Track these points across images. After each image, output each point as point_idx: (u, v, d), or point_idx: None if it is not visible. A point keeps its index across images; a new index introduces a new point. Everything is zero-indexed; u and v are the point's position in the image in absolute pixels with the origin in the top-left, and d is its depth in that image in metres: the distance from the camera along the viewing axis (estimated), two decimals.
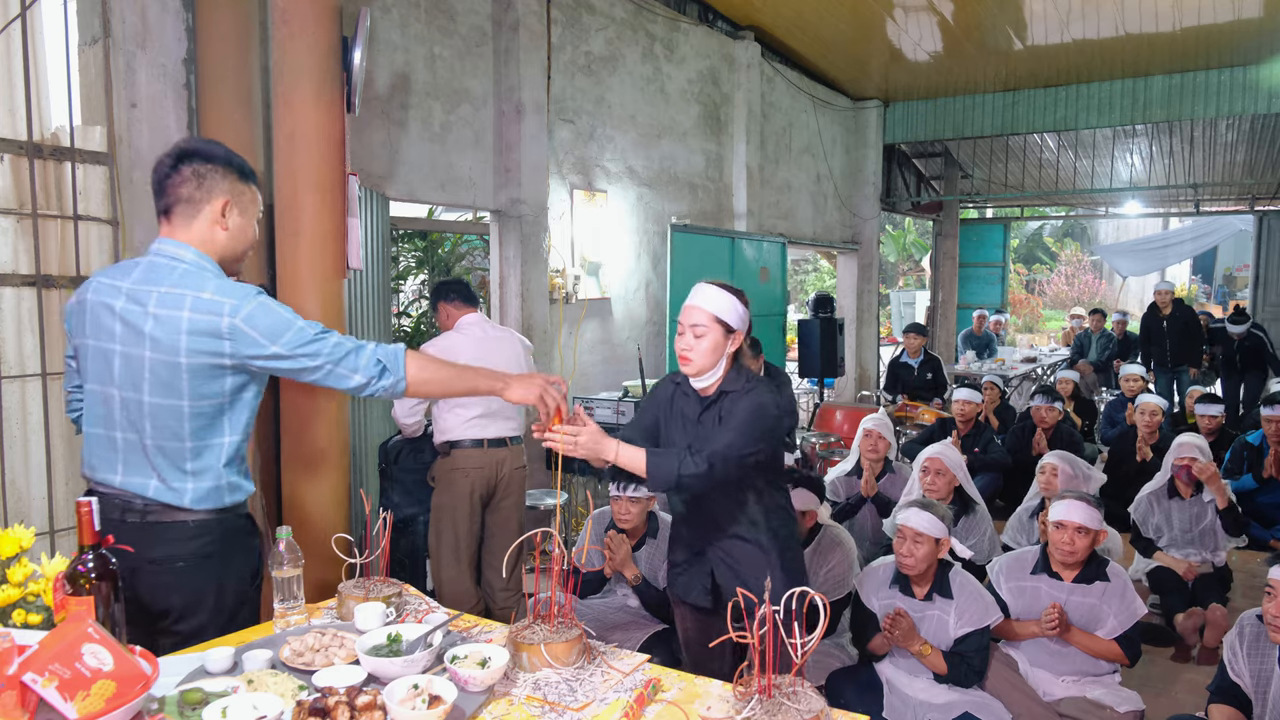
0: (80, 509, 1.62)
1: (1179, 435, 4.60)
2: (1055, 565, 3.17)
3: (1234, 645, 2.50)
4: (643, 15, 6.57)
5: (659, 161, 6.82)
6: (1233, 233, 13.82)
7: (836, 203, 10.18)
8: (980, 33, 8.05)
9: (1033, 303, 22.57)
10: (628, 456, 2.26)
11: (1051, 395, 5.89)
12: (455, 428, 3.82)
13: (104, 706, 1.41)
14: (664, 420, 2.51)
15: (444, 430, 3.85)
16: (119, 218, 3.28)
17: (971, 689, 2.99)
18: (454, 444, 3.84)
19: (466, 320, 3.90)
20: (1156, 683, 3.68)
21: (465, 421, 3.81)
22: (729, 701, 1.70)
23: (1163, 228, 17.98)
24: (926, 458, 4.11)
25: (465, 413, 3.81)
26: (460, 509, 3.84)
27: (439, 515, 3.88)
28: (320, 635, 1.93)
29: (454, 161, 5.03)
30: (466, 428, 3.82)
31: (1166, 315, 8.28)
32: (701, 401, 2.42)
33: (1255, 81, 8.83)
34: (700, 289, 2.38)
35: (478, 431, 3.83)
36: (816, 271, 21.07)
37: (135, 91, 3.35)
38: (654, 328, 6.80)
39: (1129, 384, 6.83)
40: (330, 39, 3.43)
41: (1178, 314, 8.28)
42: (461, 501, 3.83)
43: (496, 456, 3.88)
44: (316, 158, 3.40)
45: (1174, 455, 4.44)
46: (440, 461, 3.89)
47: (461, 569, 3.87)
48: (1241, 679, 2.46)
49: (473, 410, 3.81)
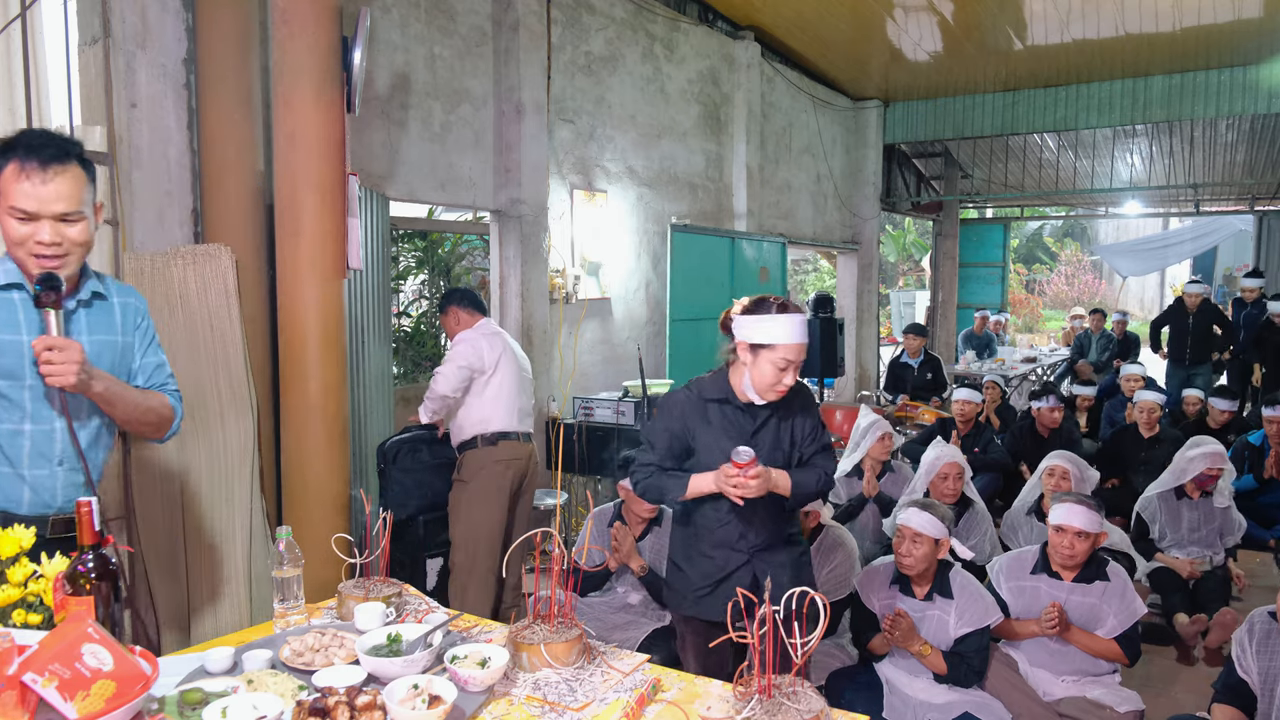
0: (80, 509, 1.62)
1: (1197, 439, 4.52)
2: (1055, 565, 3.17)
3: (1243, 641, 2.50)
4: (643, 15, 6.57)
5: (659, 161, 6.82)
6: (1233, 233, 13.81)
7: (836, 203, 10.18)
8: (980, 33, 8.05)
9: (1033, 303, 22.57)
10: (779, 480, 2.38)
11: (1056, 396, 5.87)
12: (497, 418, 3.90)
13: (104, 706, 1.41)
14: (697, 431, 2.48)
15: (484, 420, 3.90)
16: (119, 218, 3.28)
17: (971, 689, 2.99)
18: (501, 435, 3.91)
19: (483, 324, 4.01)
20: (1156, 683, 3.68)
21: (504, 411, 3.92)
22: (729, 701, 1.70)
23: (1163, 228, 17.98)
24: (946, 463, 4.08)
25: (503, 402, 3.91)
26: (497, 501, 3.89)
27: (473, 509, 3.89)
28: (320, 635, 1.93)
29: (454, 161, 5.03)
30: (508, 419, 3.92)
31: (1193, 313, 8.25)
32: (752, 413, 2.46)
33: (1255, 81, 8.83)
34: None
35: (516, 424, 3.96)
36: (816, 271, 21.07)
37: (135, 91, 3.36)
38: (654, 328, 6.80)
39: (1129, 384, 6.83)
40: (330, 39, 3.44)
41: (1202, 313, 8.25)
42: (501, 493, 3.89)
43: (528, 450, 4.02)
44: (316, 158, 3.41)
45: (1200, 464, 4.34)
46: (475, 453, 3.91)
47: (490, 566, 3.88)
48: (1249, 675, 2.46)
49: (507, 399, 3.92)
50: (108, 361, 2.08)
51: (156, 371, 2.21)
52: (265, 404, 3.55)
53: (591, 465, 5.20)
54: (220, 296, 3.30)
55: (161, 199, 3.45)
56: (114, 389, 2.03)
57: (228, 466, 3.33)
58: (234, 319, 3.32)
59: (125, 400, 2.06)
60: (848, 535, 3.48)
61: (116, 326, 2.13)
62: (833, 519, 4.49)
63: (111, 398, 2.03)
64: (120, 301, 2.16)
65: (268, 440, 3.57)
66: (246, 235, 3.52)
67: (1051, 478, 4.19)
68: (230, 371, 3.32)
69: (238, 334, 3.33)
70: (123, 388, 2.07)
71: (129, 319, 2.17)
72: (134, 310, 2.19)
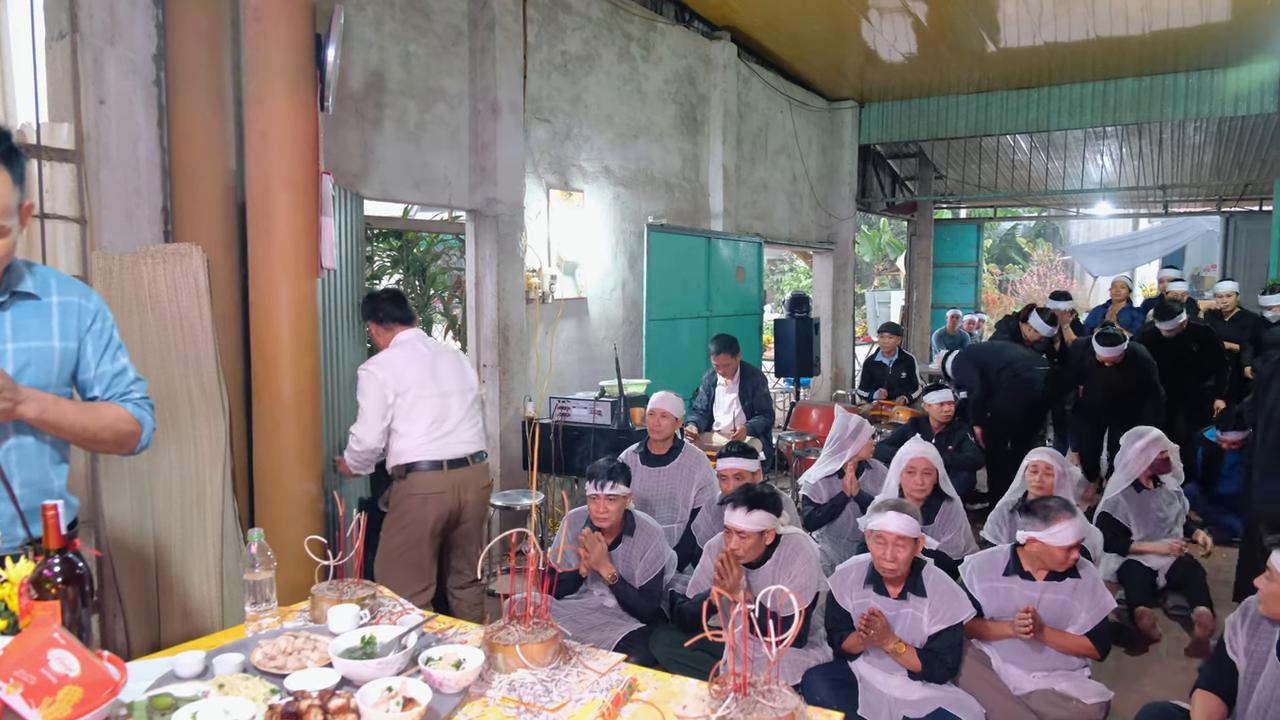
0: (46, 512, 1.59)
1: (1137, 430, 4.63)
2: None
3: (1235, 624, 2.58)
4: (619, 15, 6.57)
5: (635, 161, 6.83)
6: (1200, 233, 14.02)
7: (812, 203, 10.24)
8: (954, 35, 8.13)
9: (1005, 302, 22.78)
10: None
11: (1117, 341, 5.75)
12: (410, 449, 3.50)
13: (71, 712, 1.39)
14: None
15: (398, 453, 3.53)
16: (87, 216, 3.23)
17: (945, 685, 3.02)
18: (410, 467, 3.51)
19: (403, 337, 3.64)
20: (1127, 676, 3.74)
21: (419, 440, 3.50)
22: (705, 700, 1.71)
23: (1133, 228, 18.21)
24: (912, 458, 4.09)
25: (418, 428, 3.49)
26: (419, 538, 3.52)
27: (390, 542, 3.56)
28: (293, 638, 1.91)
29: (429, 161, 5.00)
30: (422, 447, 3.51)
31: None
32: None
33: (1222, 85, 8.99)
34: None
35: (436, 452, 3.52)
36: (793, 271, 21.15)
37: (104, 88, 3.31)
38: (630, 328, 6.80)
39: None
40: (303, 36, 3.40)
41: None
42: (420, 530, 3.51)
43: (460, 479, 3.55)
44: (289, 156, 3.38)
45: (1147, 454, 4.47)
46: (396, 487, 3.58)
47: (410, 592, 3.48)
48: (1238, 657, 2.53)
49: (424, 424, 3.50)
50: (38, 371, 1.84)
51: (116, 380, 1.97)
52: (237, 405, 3.51)
53: (568, 465, 5.19)
54: (191, 296, 3.26)
55: (130, 197, 3.40)
56: (52, 412, 1.79)
57: (199, 469, 3.29)
58: (205, 319, 3.28)
59: (69, 421, 1.83)
60: (806, 540, 3.31)
61: (53, 330, 1.88)
62: (811, 519, 4.54)
63: (53, 420, 1.80)
64: (60, 301, 1.90)
65: (240, 442, 3.53)
66: (218, 234, 3.47)
67: (1034, 474, 4.23)
68: (201, 373, 3.28)
69: (209, 334, 3.29)
70: (64, 408, 1.83)
71: (71, 321, 1.90)
72: (80, 311, 1.92)
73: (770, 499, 3.19)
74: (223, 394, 3.33)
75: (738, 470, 3.93)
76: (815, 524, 4.53)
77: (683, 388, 5.65)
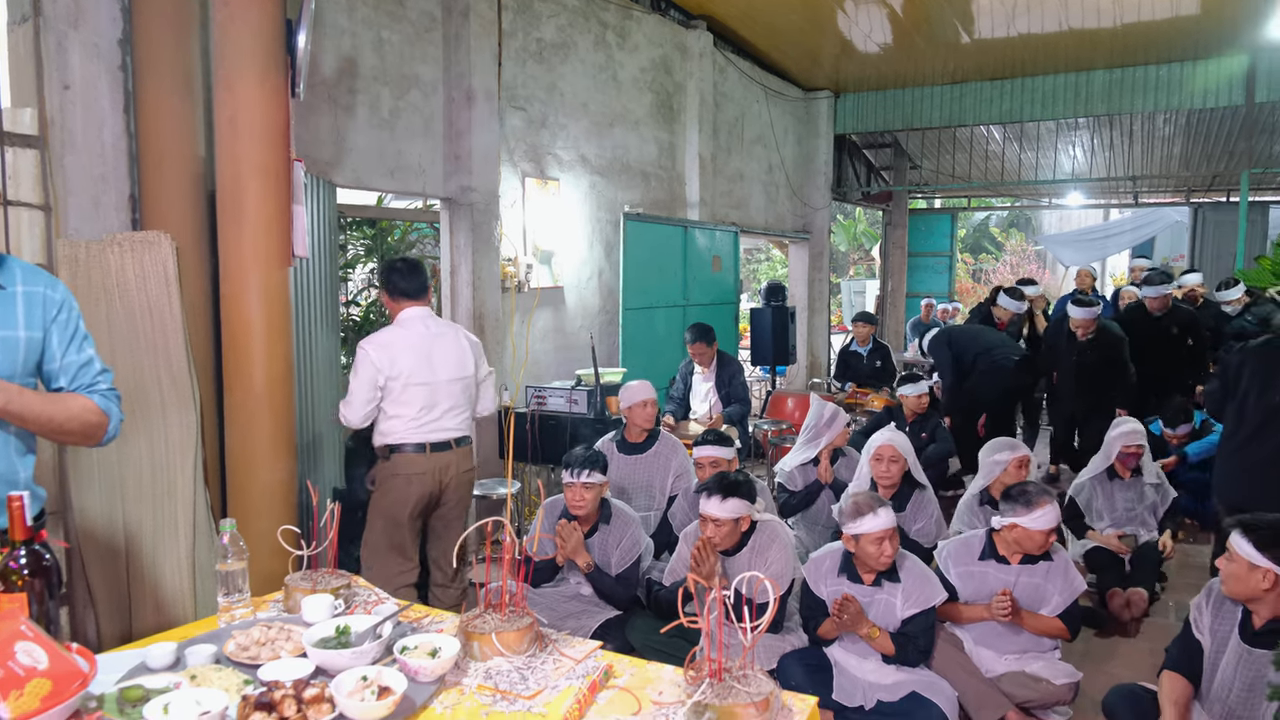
0: (11, 503, 1.56)
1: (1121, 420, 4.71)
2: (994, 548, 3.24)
3: (1200, 605, 2.64)
4: (595, 3, 6.53)
5: (611, 150, 6.80)
6: (1169, 224, 14.21)
7: (788, 192, 10.26)
8: (929, 25, 8.17)
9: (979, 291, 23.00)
10: None
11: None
12: (395, 431, 3.50)
13: (39, 705, 1.37)
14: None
15: (384, 432, 3.52)
16: (51, 203, 3.17)
17: (918, 668, 3.06)
18: (394, 448, 3.52)
19: (408, 315, 3.56)
20: (1095, 658, 3.80)
21: (407, 424, 3.49)
22: (680, 686, 1.72)
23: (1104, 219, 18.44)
24: (879, 446, 4.12)
25: (406, 412, 3.48)
26: (399, 519, 3.52)
27: (374, 523, 3.58)
28: (266, 629, 1.90)
29: (403, 148, 4.96)
30: (408, 431, 3.50)
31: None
32: None
33: (1192, 77, 9.10)
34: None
35: (421, 435, 3.51)
36: (769, 260, 21.21)
37: (68, 73, 3.24)
38: (607, 316, 6.79)
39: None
40: (273, 21, 3.35)
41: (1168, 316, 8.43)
42: (401, 510, 3.51)
43: (441, 462, 3.54)
44: (260, 143, 3.33)
45: (1120, 442, 4.55)
46: (380, 466, 3.58)
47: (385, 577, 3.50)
48: (1203, 636, 2.60)
49: (413, 410, 3.49)
50: (3, 361, 1.83)
51: (82, 371, 1.96)
52: (209, 395, 3.47)
53: (544, 454, 5.18)
54: (160, 285, 3.21)
55: (96, 184, 3.34)
56: (17, 402, 1.78)
57: (170, 459, 3.25)
58: (175, 308, 3.23)
59: (35, 412, 1.82)
60: (781, 528, 3.33)
61: (17, 320, 1.87)
62: (786, 505, 4.57)
63: (18, 411, 1.78)
64: (25, 291, 1.89)
65: (211, 432, 3.49)
66: (187, 222, 3.42)
67: (1021, 469, 4.25)
68: (171, 362, 3.24)
69: (179, 324, 3.24)
70: (30, 399, 1.81)
71: (36, 311, 1.90)
72: (45, 301, 1.91)
73: (745, 487, 3.20)
74: (193, 384, 3.29)
75: (714, 458, 3.94)
76: (790, 511, 4.56)
77: (659, 376, 5.65)
